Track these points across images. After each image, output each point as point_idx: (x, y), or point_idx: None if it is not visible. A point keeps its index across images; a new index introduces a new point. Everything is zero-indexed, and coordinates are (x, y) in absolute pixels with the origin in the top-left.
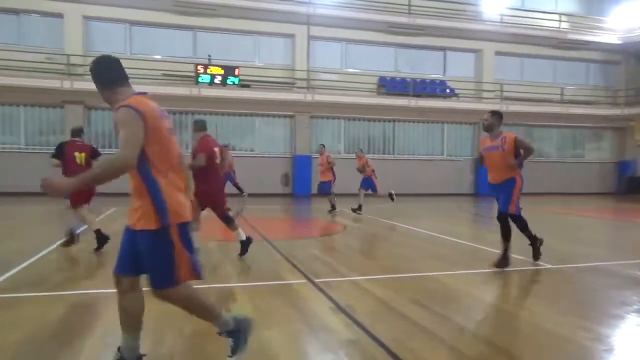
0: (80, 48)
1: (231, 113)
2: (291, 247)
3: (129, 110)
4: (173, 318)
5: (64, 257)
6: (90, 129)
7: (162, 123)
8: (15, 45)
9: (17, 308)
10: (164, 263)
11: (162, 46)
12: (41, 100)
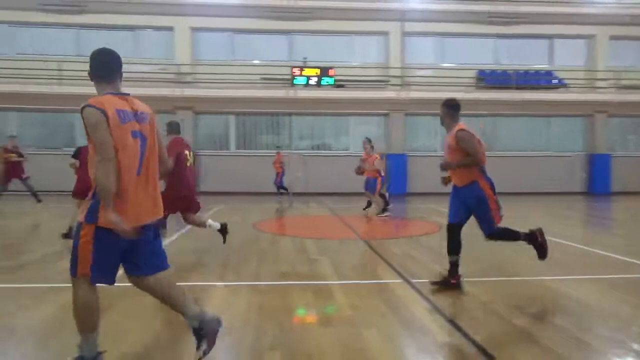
0: (189, 57)
1: (326, 113)
2: (386, 246)
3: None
4: (274, 312)
5: (173, 252)
6: (198, 132)
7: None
8: (132, 58)
9: (137, 297)
10: (72, 253)
11: (261, 51)
12: (155, 107)
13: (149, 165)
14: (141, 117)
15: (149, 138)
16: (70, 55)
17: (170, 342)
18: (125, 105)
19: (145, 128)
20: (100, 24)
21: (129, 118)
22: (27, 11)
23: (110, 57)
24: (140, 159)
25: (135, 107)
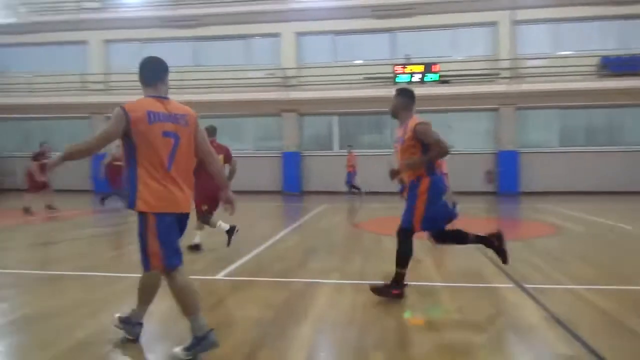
0: (294, 62)
1: (430, 110)
2: None
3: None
4: (378, 312)
5: (282, 248)
6: (303, 133)
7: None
8: (242, 66)
9: (248, 290)
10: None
11: (363, 51)
12: (263, 110)
13: (181, 163)
14: (176, 118)
15: (182, 138)
16: (188, 65)
17: (278, 336)
18: (160, 107)
19: (181, 129)
20: (214, 35)
21: (160, 119)
22: (152, 29)
23: (153, 65)
24: (170, 156)
25: (171, 110)
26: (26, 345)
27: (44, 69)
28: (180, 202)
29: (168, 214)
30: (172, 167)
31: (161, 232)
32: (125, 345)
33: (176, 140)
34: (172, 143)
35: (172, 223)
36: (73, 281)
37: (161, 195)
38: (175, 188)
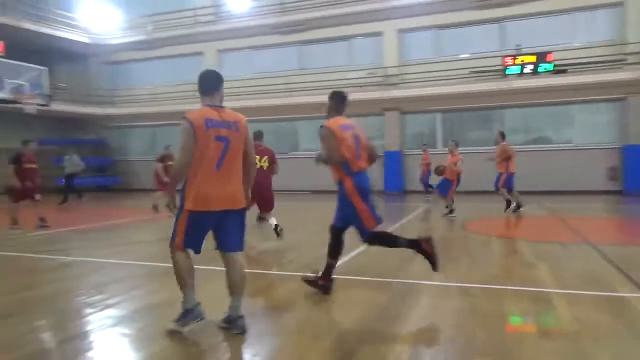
0: (396, 60)
1: (544, 103)
2: (623, 253)
3: (184, 120)
4: (485, 317)
5: (383, 250)
6: (405, 132)
7: (208, 133)
8: (345, 66)
9: (349, 289)
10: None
11: (469, 44)
12: (365, 110)
13: (230, 164)
14: (229, 124)
15: (233, 142)
16: (294, 69)
17: (379, 337)
18: (215, 115)
19: (232, 134)
20: (319, 39)
21: (215, 125)
22: (260, 36)
23: (210, 77)
24: (220, 157)
25: (224, 117)
26: (154, 329)
27: (165, 80)
28: (218, 201)
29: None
30: (222, 167)
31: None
32: (233, 337)
33: (227, 144)
34: (223, 146)
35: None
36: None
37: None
38: (223, 184)
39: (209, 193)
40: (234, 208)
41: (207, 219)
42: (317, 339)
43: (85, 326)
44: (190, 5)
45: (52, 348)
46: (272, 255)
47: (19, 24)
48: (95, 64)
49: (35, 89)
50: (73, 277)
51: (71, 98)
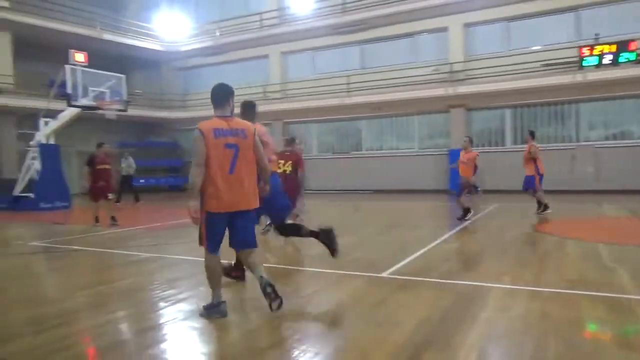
0: (462, 55)
1: (625, 95)
2: None
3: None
4: (558, 323)
5: (449, 249)
6: (471, 129)
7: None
8: (409, 64)
9: (414, 290)
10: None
11: (541, 35)
12: (429, 107)
13: (241, 167)
14: (236, 132)
15: (242, 148)
16: (356, 69)
17: (443, 339)
18: (223, 124)
19: (240, 141)
20: (381, 37)
21: (223, 134)
22: (322, 37)
23: (220, 91)
24: (232, 162)
25: (232, 126)
26: (219, 324)
27: (232, 83)
28: (232, 202)
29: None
30: (234, 171)
31: (209, 224)
32: (296, 335)
33: (236, 150)
34: (233, 152)
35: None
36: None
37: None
38: (236, 187)
39: (225, 195)
40: (248, 208)
41: (223, 219)
42: (380, 340)
43: (159, 319)
44: (256, 9)
45: (130, 338)
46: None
47: (100, 35)
48: (168, 70)
49: (114, 96)
50: (147, 272)
51: (146, 103)
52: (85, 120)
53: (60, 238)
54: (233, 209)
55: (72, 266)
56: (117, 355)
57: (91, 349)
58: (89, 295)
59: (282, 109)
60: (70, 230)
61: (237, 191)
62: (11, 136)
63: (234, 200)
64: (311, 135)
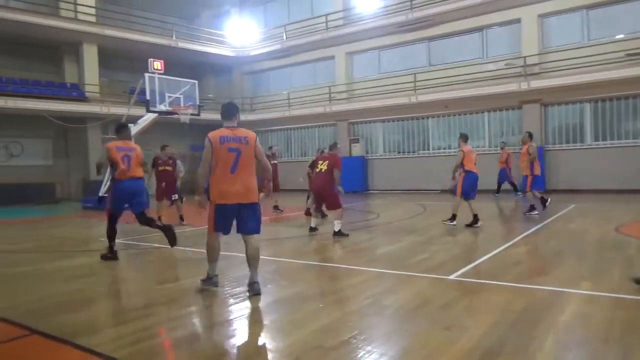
0: (536, 47)
1: None
2: None
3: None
4: None
5: (521, 252)
6: (547, 125)
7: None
8: (479, 59)
9: (483, 294)
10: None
11: (624, 23)
12: (501, 104)
13: (242, 168)
14: (239, 139)
15: (243, 152)
16: (422, 66)
17: (514, 346)
18: (229, 133)
19: (242, 146)
20: (449, 33)
21: (227, 140)
22: (387, 36)
23: (229, 108)
24: (234, 164)
25: (236, 134)
26: (285, 322)
27: (299, 85)
28: (233, 196)
29: (222, 205)
30: (235, 171)
31: (215, 213)
32: (362, 335)
33: (238, 154)
34: (235, 155)
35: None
36: (320, 271)
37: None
38: (238, 184)
39: (227, 190)
40: (246, 202)
41: (227, 209)
42: (448, 343)
43: (229, 315)
44: (322, 11)
45: (202, 332)
46: (401, 255)
47: (176, 44)
48: (237, 75)
49: (188, 101)
50: (219, 270)
51: (217, 107)
52: (161, 125)
53: (139, 236)
54: (234, 201)
55: (150, 262)
56: (191, 348)
57: (168, 341)
58: (166, 290)
59: (348, 109)
60: (148, 229)
61: (237, 187)
62: (97, 141)
63: (234, 194)
64: (377, 135)
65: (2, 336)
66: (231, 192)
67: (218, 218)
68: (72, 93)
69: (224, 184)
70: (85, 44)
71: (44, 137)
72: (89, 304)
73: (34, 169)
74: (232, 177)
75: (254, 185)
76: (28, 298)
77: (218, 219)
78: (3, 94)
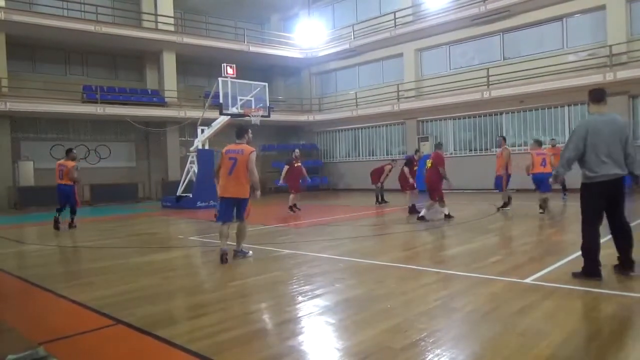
0: (624, 35)
1: None
2: None
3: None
4: None
5: (606, 255)
6: (637, 118)
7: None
8: (558, 50)
9: (562, 299)
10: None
11: None
12: (583, 97)
13: (236, 172)
14: (237, 151)
15: (239, 160)
16: (496, 60)
17: (597, 356)
18: (233, 147)
19: (239, 156)
20: (525, 24)
21: (230, 152)
22: (459, 30)
23: (241, 130)
24: (231, 168)
25: (238, 148)
26: (352, 322)
27: (366, 84)
28: (229, 192)
29: (224, 198)
30: (232, 174)
31: (220, 204)
32: (429, 339)
33: (235, 162)
34: (232, 163)
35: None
36: (388, 271)
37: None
38: (232, 183)
39: (226, 187)
40: (239, 197)
41: (227, 202)
42: (523, 350)
43: (297, 312)
44: (390, 9)
45: (271, 328)
46: (472, 257)
47: (248, 49)
48: (306, 76)
49: (258, 103)
50: (287, 267)
51: (286, 108)
52: (233, 127)
53: (215, 233)
54: (231, 196)
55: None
56: (260, 343)
57: (240, 335)
58: (238, 286)
59: (417, 107)
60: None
61: (232, 186)
62: (175, 143)
63: (231, 191)
64: (447, 132)
65: (91, 325)
66: (229, 189)
67: (223, 208)
68: (153, 99)
69: (225, 182)
70: (165, 52)
71: (127, 140)
72: (168, 297)
73: (119, 171)
74: (229, 178)
75: (247, 185)
76: (114, 290)
77: (222, 210)
78: (95, 101)
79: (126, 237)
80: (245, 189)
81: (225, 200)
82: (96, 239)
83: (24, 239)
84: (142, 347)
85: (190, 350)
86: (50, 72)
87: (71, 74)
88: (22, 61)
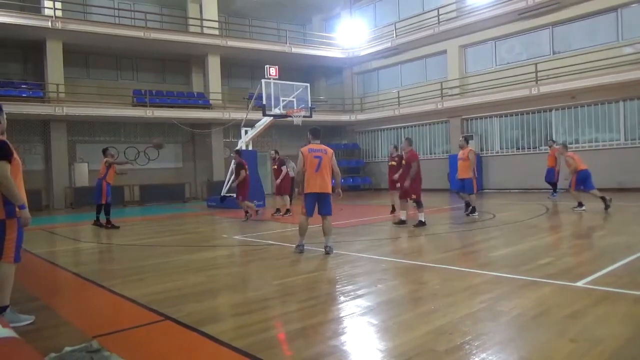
0: None
1: None
2: None
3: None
4: None
5: None
6: None
7: (310, 155)
8: (613, 43)
9: (617, 304)
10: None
11: None
12: (634, 93)
13: (322, 169)
14: (322, 151)
15: (323, 159)
16: (545, 55)
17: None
18: (315, 146)
19: (323, 155)
20: (576, 15)
21: (314, 151)
22: (505, 25)
23: (315, 131)
24: (317, 166)
25: (320, 147)
26: (393, 323)
27: (408, 83)
28: (317, 187)
29: (310, 193)
30: (318, 171)
31: (306, 200)
32: (475, 341)
33: (320, 160)
34: (318, 161)
35: (313, 197)
36: (432, 272)
37: (308, 185)
38: (319, 180)
39: (314, 183)
40: (325, 192)
41: (313, 197)
42: (573, 356)
43: (340, 312)
44: (433, 5)
45: (314, 328)
46: (519, 259)
47: (290, 50)
48: (348, 76)
49: (300, 104)
50: (330, 267)
51: (328, 108)
52: (276, 127)
53: (257, 233)
54: (317, 191)
55: (267, 259)
56: (303, 342)
57: (283, 334)
58: (281, 285)
59: (461, 105)
60: (266, 226)
61: (319, 182)
62: (220, 144)
63: (318, 186)
64: (492, 130)
65: (141, 320)
66: (316, 184)
67: (308, 203)
68: (198, 101)
69: (311, 179)
70: (209, 56)
71: (174, 142)
72: (213, 295)
73: (167, 171)
74: (316, 175)
75: (330, 181)
76: (162, 287)
77: (308, 205)
78: (145, 105)
79: (174, 236)
80: (330, 185)
81: (311, 195)
82: (146, 237)
83: (79, 237)
84: (190, 343)
85: (236, 348)
86: (102, 78)
87: (122, 79)
88: (77, 68)
